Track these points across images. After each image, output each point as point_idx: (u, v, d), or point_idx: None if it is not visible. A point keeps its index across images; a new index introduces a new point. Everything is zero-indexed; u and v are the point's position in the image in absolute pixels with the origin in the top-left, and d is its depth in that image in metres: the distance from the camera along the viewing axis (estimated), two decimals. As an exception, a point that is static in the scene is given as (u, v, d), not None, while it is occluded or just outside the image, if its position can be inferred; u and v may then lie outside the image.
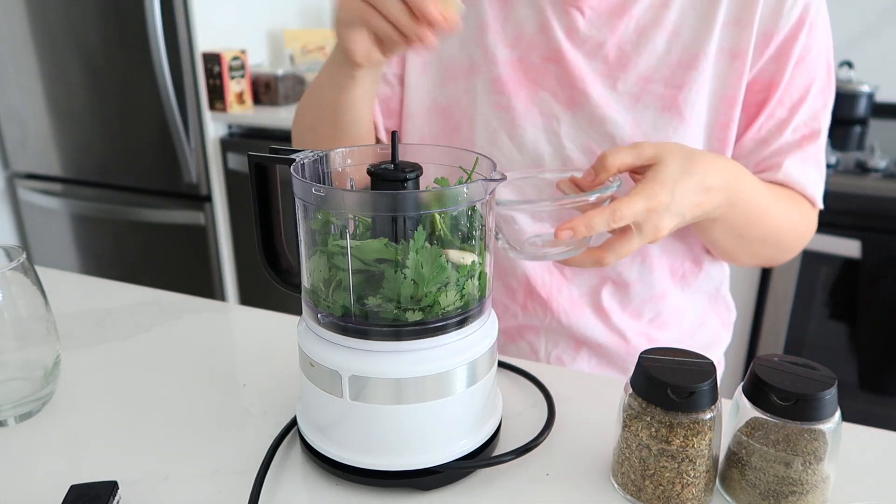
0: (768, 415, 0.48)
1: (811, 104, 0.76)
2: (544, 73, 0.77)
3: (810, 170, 0.77)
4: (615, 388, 0.68)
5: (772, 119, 0.76)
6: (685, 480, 0.49)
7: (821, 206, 0.79)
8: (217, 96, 2.04)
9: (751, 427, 0.50)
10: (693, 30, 0.73)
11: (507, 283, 0.85)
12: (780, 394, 0.47)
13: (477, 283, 0.52)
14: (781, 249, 0.80)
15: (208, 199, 2.14)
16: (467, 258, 0.51)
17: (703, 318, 0.88)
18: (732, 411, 0.52)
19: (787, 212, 0.76)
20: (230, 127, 2.13)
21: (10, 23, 2.16)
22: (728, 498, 0.52)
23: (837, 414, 0.48)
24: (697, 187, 0.63)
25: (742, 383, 0.51)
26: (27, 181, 2.39)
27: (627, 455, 0.51)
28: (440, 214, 0.51)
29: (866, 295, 1.60)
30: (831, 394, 0.47)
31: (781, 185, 0.77)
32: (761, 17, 0.72)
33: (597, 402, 0.65)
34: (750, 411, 0.49)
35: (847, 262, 1.60)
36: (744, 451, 0.50)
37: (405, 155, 0.56)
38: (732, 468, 0.51)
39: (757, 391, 0.49)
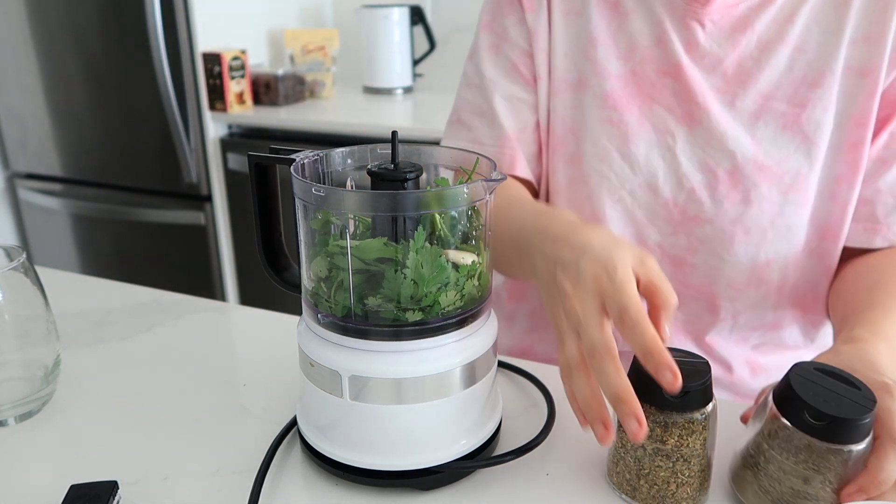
0: (797, 430, 0.46)
1: None
2: (660, 88, 0.74)
3: None
4: (615, 388, 0.68)
5: (894, 138, 0.70)
6: (680, 480, 0.49)
7: None
8: (217, 96, 2.04)
9: (774, 431, 0.48)
10: (818, 45, 0.70)
11: None
12: (812, 412, 0.45)
13: (477, 283, 0.52)
14: None
15: (208, 199, 2.14)
16: (467, 258, 0.51)
17: (816, 339, 0.84)
18: (760, 412, 0.50)
19: None
20: (230, 127, 2.13)
21: (10, 23, 2.16)
22: (738, 496, 0.51)
23: (870, 436, 0.46)
24: None
25: (774, 387, 0.49)
26: (27, 181, 2.39)
27: (622, 455, 0.51)
28: (440, 214, 0.51)
29: (866, 295, 1.59)
30: (868, 418, 0.44)
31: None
32: (893, 31, 0.68)
33: (597, 402, 0.65)
34: (778, 418, 0.47)
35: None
36: (762, 456, 0.48)
37: (405, 155, 0.56)
38: (747, 469, 0.50)
39: (788, 402, 0.46)
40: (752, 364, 0.82)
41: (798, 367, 0.48)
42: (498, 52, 0.80)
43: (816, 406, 0.45)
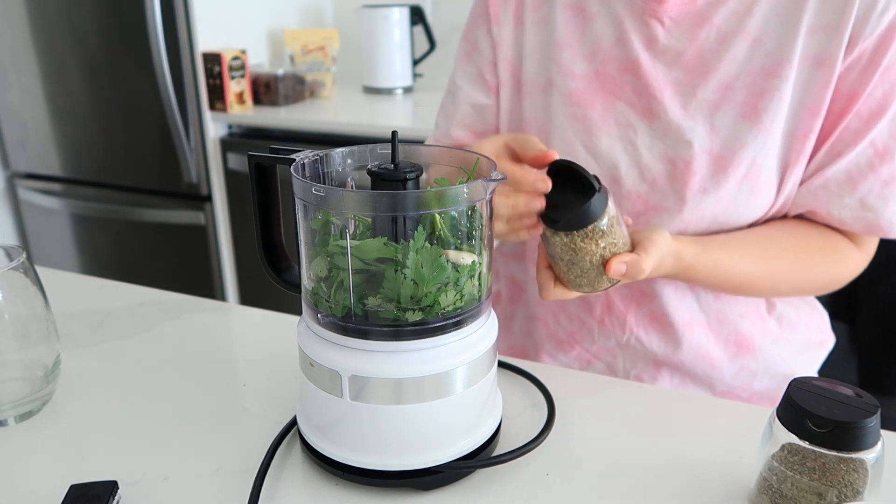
0: (803, 441, 0.46)
1: (894, 119, 0.71)
2: (621, 85, 0.77)
3: (889, 202, 0.73)
4: (615, 388, 0.68)
5: (847, 130, 0.72)
6: (577, 272, 0.65)
7: None
8: (217, 96, 2.03)
9: (786, 452, 0.48)
10: (776, 36, 0.71)
11: (586, 297, 0.83)
12: (815, 420, 0.45)
13: (477, 283, 0.52)
14: (793, 292, 0.82)
15: (208, 199, 2.14)
16: (467, 258, 0.51)
17: (801, 316, 0.87)
18: (766, 435, 0.50)
19: (790, 267, 0.76)
20: (230, 127, 2.13)
21: (10, 23, 2.16)
22: None
23: (880, 445, 0.46)
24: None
25: (776, 407, 0.49)
26: (27, 181, 2.39)
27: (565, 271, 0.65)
28: (440, 214, 0.51)
29: (866, 295, 1.60)
30: (873, 422, 0.44)
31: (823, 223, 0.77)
32: (852, 22, 0.69)
33: (597, 402, 0.65)
34: (784, 436, 0.47)
35: (847, 262, 1.59)
36: (775, 477, 0.48)
37: (405, 155, 0.56)
38: (763, 495, 0.50)
39: (791, 416, 0.47)
40: (739, 346, 0.83)
41: (797, 381, 0.49)
42: (469, 61, 0.87)
43: (819, 414, 0.45)
